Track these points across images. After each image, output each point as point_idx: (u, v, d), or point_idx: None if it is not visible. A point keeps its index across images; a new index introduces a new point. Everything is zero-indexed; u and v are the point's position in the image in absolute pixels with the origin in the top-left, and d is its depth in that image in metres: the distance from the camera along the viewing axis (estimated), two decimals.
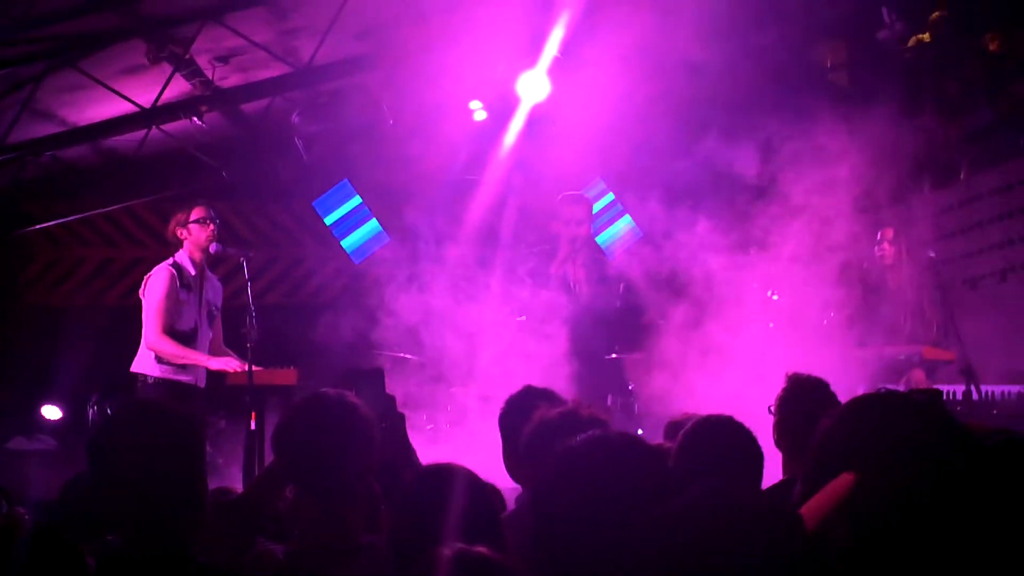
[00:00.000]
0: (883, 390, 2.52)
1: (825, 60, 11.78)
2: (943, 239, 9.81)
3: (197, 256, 7.63)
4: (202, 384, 7.57)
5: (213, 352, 7.68)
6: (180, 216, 7.70)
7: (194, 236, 7.61)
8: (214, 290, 7.83)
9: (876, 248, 8.44)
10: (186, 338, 7.47)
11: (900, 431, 2.24)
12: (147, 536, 3.05)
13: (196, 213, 7.65)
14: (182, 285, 7.51)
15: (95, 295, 11.92)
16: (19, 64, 8.49)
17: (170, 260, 7.61)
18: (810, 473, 2.33)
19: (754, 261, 8.45)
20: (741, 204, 8.17)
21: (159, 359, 7.41)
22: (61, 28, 8.03)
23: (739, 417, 4.10)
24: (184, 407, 5.13)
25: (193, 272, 7.62)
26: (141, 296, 7.58)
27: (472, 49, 9.03)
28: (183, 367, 7.47)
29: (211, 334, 7.72)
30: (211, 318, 7.73)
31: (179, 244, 7.67)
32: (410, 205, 11.47)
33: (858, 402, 2.41)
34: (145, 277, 7.65)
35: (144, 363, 7.46)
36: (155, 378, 7.41)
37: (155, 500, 3.05)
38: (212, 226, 7.66)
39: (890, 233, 8.41)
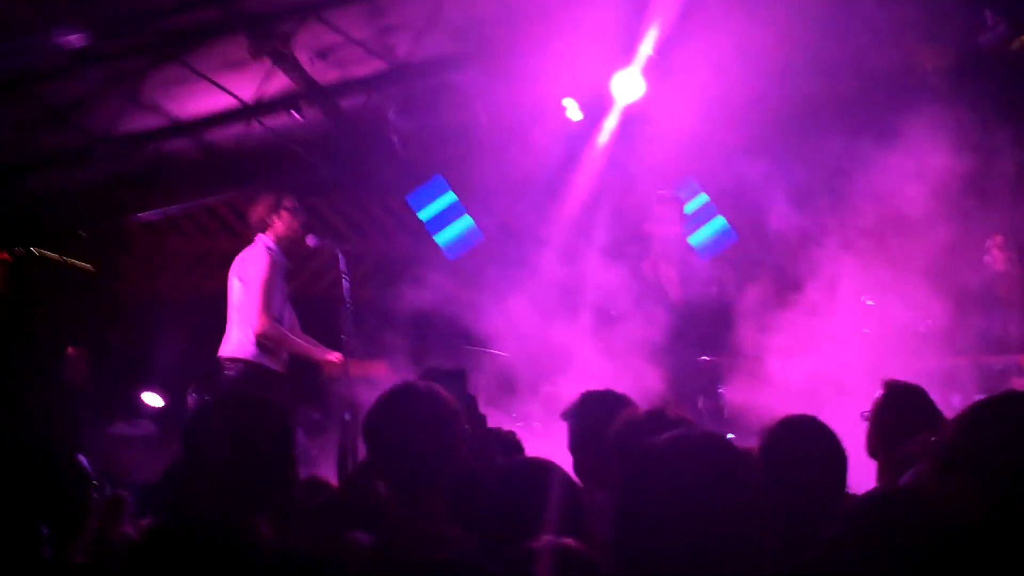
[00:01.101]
0: (1011, 392, 2.45)
1: (925, 63, 11.57)
2: None
3: (287, 239, 7.65)
4: (284, 370, 7.62)
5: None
6: (269, 201, 7.67)
7: (285, 222, 7.61)
8: (290, 279, 7.85)
9: (985, 255, 8.25)
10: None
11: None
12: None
13: (288, 201, 7.66)
14: (276, 271, 7.56)
15: (193, 285, 12.16)
16: (125, 57, 8.68)
17: (264, 243, 7.61)
18: (937, 474, 2.28)
19: (850, 265, 8.33)
20: (837, 208, 8.06)
21: (258, 342, 7.42)
22: (166, 23, 8.19)
23: (832, 424, 4.05)
24: (275, 397, 5.21)
25: (282, 259, 7.64)
26: (238, 279, 7.59)
27: (567, 48, 9.04)
28: (274, 354, 7.50)
29: (290, 321, 7.74)
30: (289, 304, 7.77)
31: (263, 228, 7.66)
32: (504, 203, 11.53)
33: (976, 408, 2.36)
34: (239, 259, 7.66)
35: (239, 346, 7.47)
36: (247, 361, 7.43)
37: (246, 488, 3.12)
38: (303, 217, 7.70)
39: (1000, 240, 8.21)
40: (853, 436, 4.68)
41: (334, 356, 7.58)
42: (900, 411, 4.51)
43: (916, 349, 8.12)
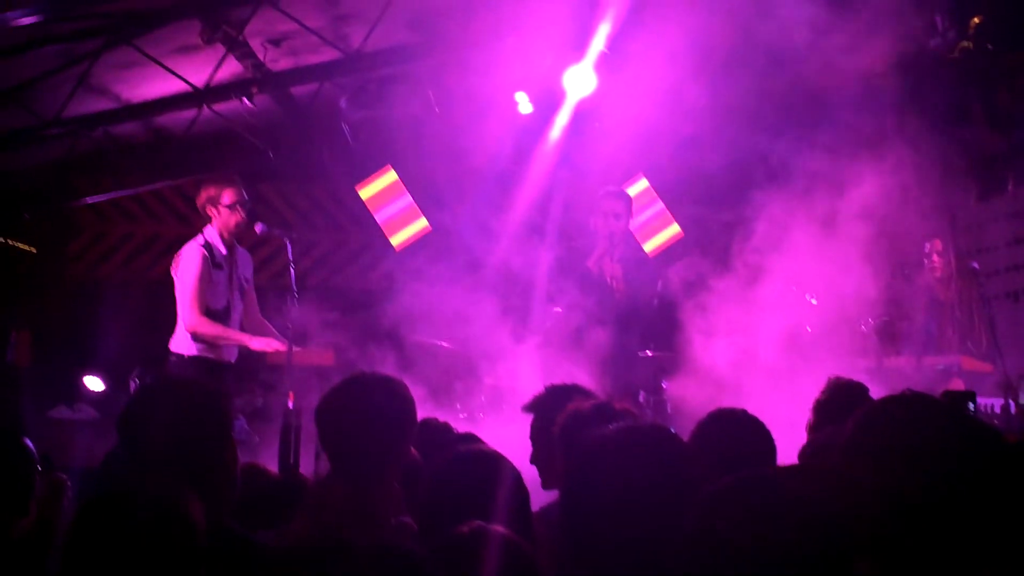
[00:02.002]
0: (909, 391, 2.54)
1: (875, 65, 11.70)
2: (986, 251, 9.75)
3: (227, 233, 7.60)
4: (232, 360, 7.62)
5: (250, 326, 7.69)
6: (211, 192, 7.59)
7: (223, 217, 7.55)
8: (244, 264, 7.77)
9: (925, 259, 8.40)
10: (219, 316, 7.47)
11: (924, 431, 2.27)
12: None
13: (227, 197, 7.52)
14: (214, 264, 7.50)
15: (140, 270, 12.09)
16: (77, 39, 8.61)
17: (200, 239, 7.52)
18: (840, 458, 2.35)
19: (794, 264, 8.42)
20: (783, 205, 8.14)
21: (195, 338, 7.43)
22: (118, 5, 8.13)
23: (774, 420, 4.13)
24: (212, 383, 5.18)
25: (223, 250, 7.57)
26: (173, 273, 7.54)
27: (519, 42, 9.06)
28: (216, 346, 7.49)
29: (242, 308, 7.71)
30: (242, 292, 7.68)
31: (207, 219, 7.64)
32: (453, 195, 11.54)
33: (884, 402, 2.44)
34: (176, 254, 7.63)
35: (179, 342, 7.47)
36: (190, 356, 7.44)
37: (183, 473, 3.12)
38: (242, 213, 7.60)
39: (939, 245, 8.36)
40: (795, 431, 4.77)
41: (272, 346, 7.54)
42: (841, 408, 4.58)
43: (858, 348, 8.23)
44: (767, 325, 8.03)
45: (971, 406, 5.91)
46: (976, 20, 10.51)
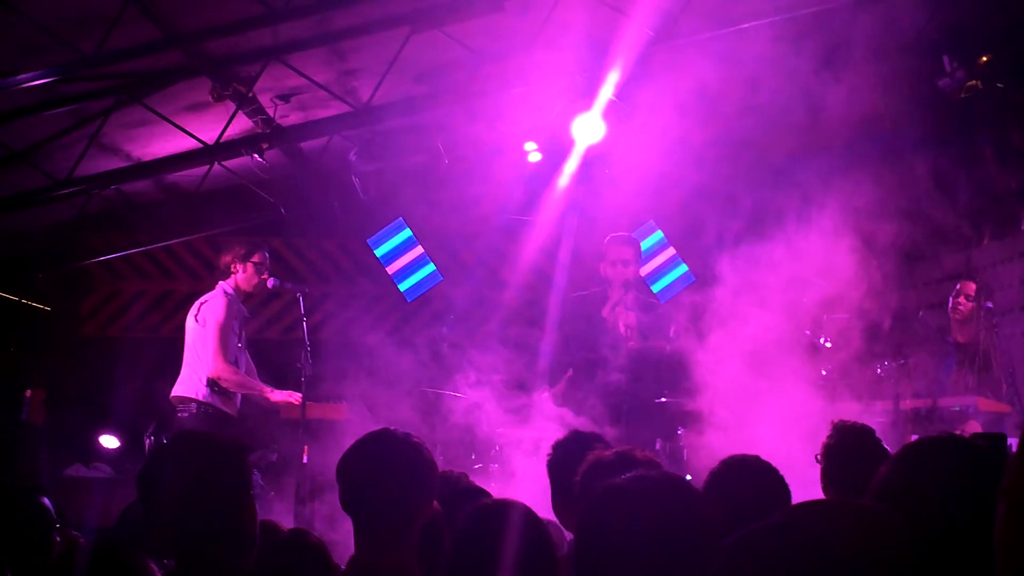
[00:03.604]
0: (945, 434, 2.51)
1: (885, 107, 11.73)
2: (1000, 290, 9.71)
3: (247, 290, 7.78)
4: (235, 413, 7.66)
5: None
6: (240, 251, 7.82)
7: (247, 275, 7.75)
8: (246, 324, 7.96)
9: (952, 299, 8.31)
10: None
11: (957, 475, 2.24)
12: (197, 565, 3.10)
13: (258, 256, 7.79)
14: (233, 316, 7.63)
15: (153, 327, 12.11)
16: (88, 99, 8.69)
17: (225, 288, 7.72)
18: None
19: (808, 308, 8.39)
20: (795, 250, 8.12)
21: (211, 384, 7.47)
22: (129, 65, 8.21)
23: (790, 466, 4.11)
24: (232, 437, 5.18)
25: (240, 305, 7.75)
26: (195, 320, 7.65)
27: (528, 91, 9.12)
28: (227, 396, 7.52)
29: (244, 366, 7.79)
30: (244, 351, 7.83)
31: (227, 275, 7.79)
32: (464, 245, 11.56)
33: (915, 446, 2.41)
34: (198, 302, 7.74)
35: (192, 387, 7.50)
36: (198, 401, 7.45)
37: (202, 531, 3.10)
38: (267, 274, 7.81)
39: (971, 288, 8.26)
40: (812, 477, 4.74)
41: (292, 398, 7.59)
42: (849, 451, 4.57)
43: (874, 390, 8.19)
44: (782, 368, 7.99)
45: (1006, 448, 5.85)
46: (984, 59, 10.54)
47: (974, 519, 2.07)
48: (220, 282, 7.80)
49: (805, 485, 4.52)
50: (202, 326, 7.58)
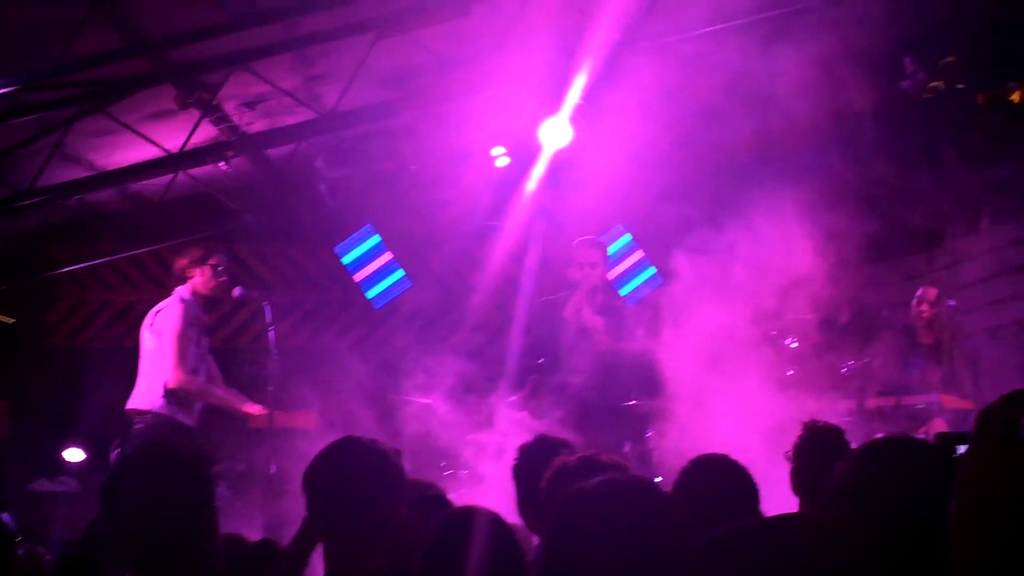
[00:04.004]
0: (896, 435, 2.54)
1: (850, 108, 11.81)
2: (964, 288, 9.80)
3: (206, 295, 7.59)
4: (194, 423, 7.51)
5: None
6: (196, 254, 7.62)
7: (205, 278, 7.54)
8: (204, 331, 7.76)
9: (915, 306, 8.39)
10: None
11: (911, 474, 2.26)
12: None
13: (215, 259, 7.60)
14: (191, 324, 7.46)
15: (118, 338, 12.01)
16: (51, 108, 8.61)
17: (180, 295, 7.54)
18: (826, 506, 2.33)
19: (775, 308, 8.44)
20: (759, 255, 8.17)
21: (168, 395, 7.31)
22: (92, 73, 8.15)
23: (759, 466, 4.12)
24: (194, 449, 5.13)
25: (197, 312, 7.56)
26: (150, 330, 7.49)
27: (495, 96, 9.12)
28: (183, 407, 7.37)
29: (205, 374, 7.64)
30: (204, 358, 7.65)
31: (183, 280, 7.61)
32: (432, 251, 11.54)
33: (872, 445, 2.43)
34: (153, 311, 7.56)
35: (148, 399, 7.31)
36: (155, 413, 7.28)
37: (165, 543, 3.08)
38: (226, 276, 7.64)
39: (932, 295, 8.33)
40: (780, 476, 4.77)
41: (255, 408, 7.49)
42: (819, 451, 4.61)
43: (839, 389, 8.24)
44: (748, 369, 8.03)
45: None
46: (949, 60, 10.64)
47: (929, 517, 2.09)
48: (177, 288, 7.61)
49: (775, 484, 4.54)
50: (158, 336, 7.40)
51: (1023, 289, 9.68)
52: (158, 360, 7.35)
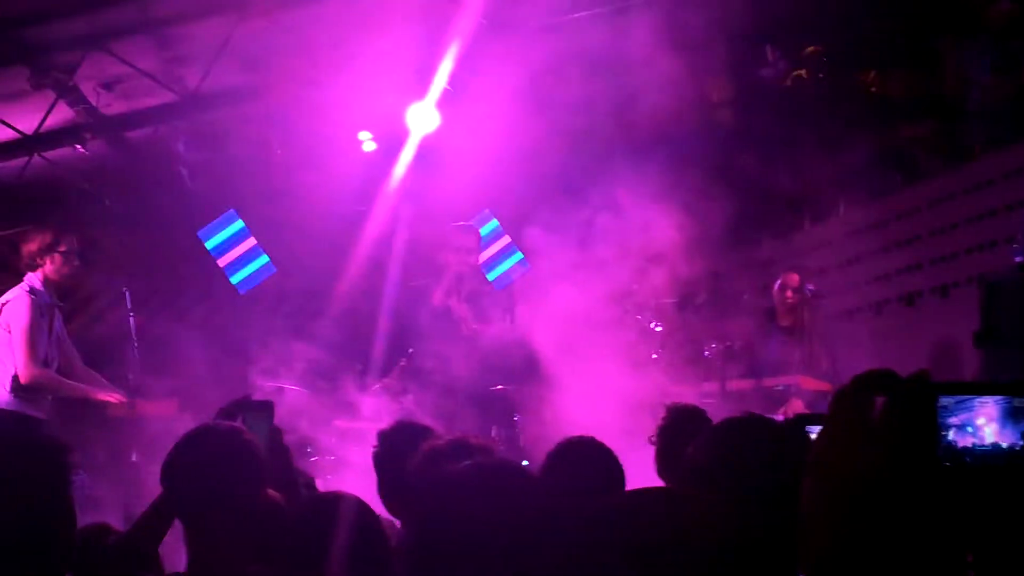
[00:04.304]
0: (746, 414, 2.60)
1: (710, 97, 12.05)
2: (821, 272, 10.09)
3: (57, 282, 7.33)
4: (44, 416, 7.28)
5: (77, 377, 7.45)
6: (46, 240, 7.32)
7: (56, 265, 7.25)
8: (58, 319, 7.46)
9: (778, 292, 8.52)
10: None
11: (758, 453, 2.32)
12: (10, 573, 2.99)
13: (65, 244, 7.30)
14: (41, 314, 7.21)
15: None
16: None
17: (26, 286, 7.24)
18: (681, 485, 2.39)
19: (637, 293, 8.58)
20: (623, 239, 8.29)
21: (15, 391, 7.08)
22: None
23: (625, 447, 4.20)
24: (46, 438, 4.97)
25: (48, 299, 7.30)
26: None
27: (361, 80, 9.05)
28: (33, 400, 7.15)
29: (58, 362, 7.40)
30: (60, 345, 7.42)
31: (32, 267, 7.34)
32: (298, 236, 11.40)
33: (721, 426, 2.50)
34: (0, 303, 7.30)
35: None
36: (8, 411, 7.06)
37: (13, 536, 2.98)
38: (77, 262, 7.38)
39: (795, 280, 8.48)
40: (646, 459, 4.85)
41: (114, 396, 7.29)
42: (682, 433, 4.69)
43: (703, 373, 8.43)
44: (614, 351, 8.14)
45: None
46: (811, 49, 10.95)
47: (780, 494, 2.15)
48: (28, 274, 7.32)
49: (640, 466, 4.62)
50: (6, 330, 7.14)
51: (878, 272, 9.99)
52: (5, 355, 7.10)
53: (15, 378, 7.06)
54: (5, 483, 3.02)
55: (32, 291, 7.17)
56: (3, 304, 7.19)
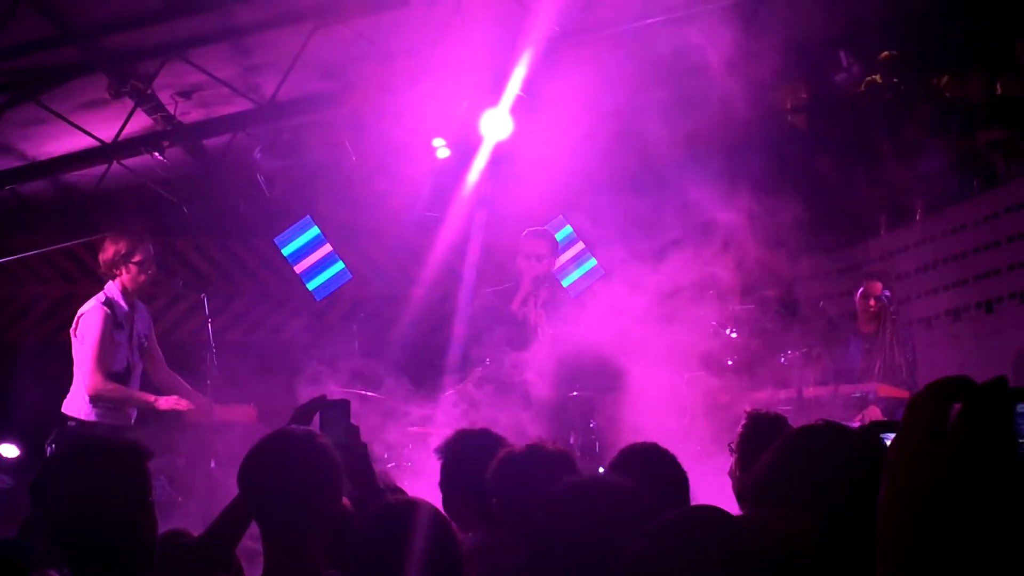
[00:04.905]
0: (821, 422, 2.54)
1: (785, 103, 11.95)
2: (899, 279, 9.95)
3: (133, 290, 7.43)
4: (131, 423, 7.39)
5: (161, 383, 7.55)
6: (121, 249, 7.43)
7: (131, 275, 7.37)
8: (143, 321, 7.61)
9: (860, 300, 8.41)
10: (119, 378, 7.29)
11: (833, 463, 2.27)
12: (93, 575, 3.02)
13: (139, 254, 7.42)
14: (116, 324, 7.32)
15: (53, 331, 11.81)
16: None
17: (102, 297, 7.32)
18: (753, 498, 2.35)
19: (713, 299, 8.51)
20: (702, 243, 8.23)
21: (94, 401, 7.23)
22: (23, 61, 8.00)
23: (700, 453, 4.15)
24: (129, 442, 5.05)
25: (125, 308, 7.40)
26: (73, 335, 7.37)
27: (435, 87, 9.08)
28: (116, 409, 7.28)
29: (141, 366, 7.52)
30: (143, 351, 7.54)
31: (111, 276, 7.48)
32: (373, 243, 11.48)
33: (795, 435, 2.44)
34: (77, 315, 7.43)
35: (75, 405, 7.22)
36: (81, 422, 7.15)
37: (98, 539, 3.02)
38: (153, 270, 7.49)
39: (877, 288, 8.36)
40: (723, 466, 4.80)
41: (183, 404, 7.34)
42: (762, 440, 4.61)
43: (779, 379, 8.33)
44: (690, 359, 8.09)
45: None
46: (886, 54, 10.81)
47: (855, 504, 2.10)
48: (107, 283, 7.45)
49: (715, 473, 4.57)
50: (81, 342, 7.29)
51: (956, 278, 9.83)
52: (80, 366, 7.26)
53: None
54: (90, 489, 3.07)
55: (107, 302, 7.29)
56: (80, 316, 7.34)
